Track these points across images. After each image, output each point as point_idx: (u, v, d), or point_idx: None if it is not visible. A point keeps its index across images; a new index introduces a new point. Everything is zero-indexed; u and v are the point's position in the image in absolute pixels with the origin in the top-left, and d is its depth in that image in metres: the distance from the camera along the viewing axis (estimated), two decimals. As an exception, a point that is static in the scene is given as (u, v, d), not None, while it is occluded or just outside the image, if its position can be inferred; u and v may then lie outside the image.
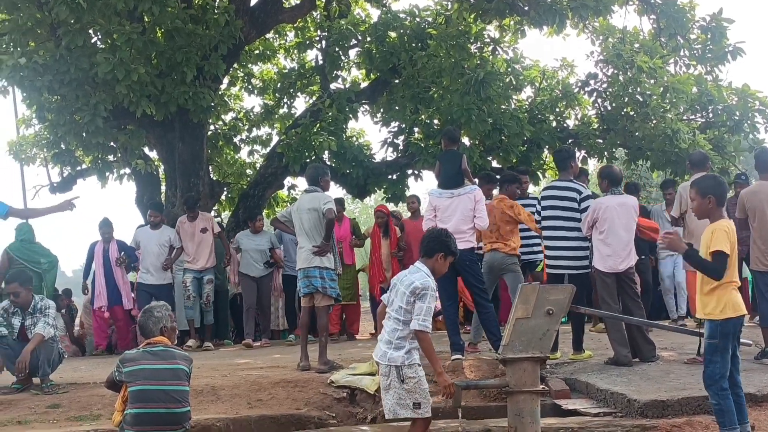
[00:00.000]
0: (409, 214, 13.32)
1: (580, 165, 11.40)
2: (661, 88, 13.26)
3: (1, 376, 7.97)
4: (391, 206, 14.84)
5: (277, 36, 18.17)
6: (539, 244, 10.07)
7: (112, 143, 14.09)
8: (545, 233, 8.86)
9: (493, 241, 9.32)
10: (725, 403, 5.41)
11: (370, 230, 12.84)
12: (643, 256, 10.28)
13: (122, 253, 11.91)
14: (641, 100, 13.42)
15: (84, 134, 12.65)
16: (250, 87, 18.73)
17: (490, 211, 9.12)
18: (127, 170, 16.43)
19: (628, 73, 13.40)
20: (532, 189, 13.83)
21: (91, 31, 12.47)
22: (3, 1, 11.94)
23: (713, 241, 5.49)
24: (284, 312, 12.85)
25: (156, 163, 16.02)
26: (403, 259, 12.28)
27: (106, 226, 12.05)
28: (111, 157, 15.59)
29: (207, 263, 12.00)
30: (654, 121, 13.45)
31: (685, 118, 14.25)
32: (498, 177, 10.83)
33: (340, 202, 12.85)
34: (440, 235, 5.93)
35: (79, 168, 16.28)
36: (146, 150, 15.97)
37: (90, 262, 12.13)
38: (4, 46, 12.48)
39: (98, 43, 12.82)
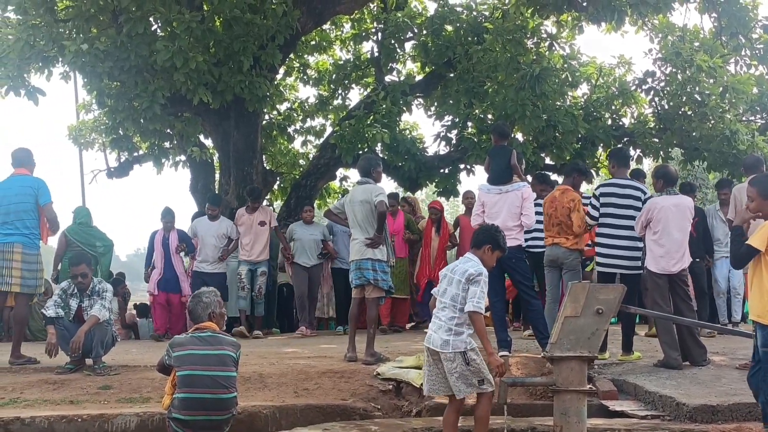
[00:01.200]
0: (464, 209, 13.24)
1: (635, 165, 11.26)
2: (721, 88, 13.02)
3: (55, 356, 8.13)
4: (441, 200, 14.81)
5: (333, 27, 18.24)
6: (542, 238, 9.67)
7: (168, 130, 14.28)
8: (599, 230, 8.72)
9: (554, 235, 9.01)
10: None
11: (424, 224, 12.85)
12: (697, 259, 10.00)
13: (181, 242, 12.11)
14: (700, 99, 13.19)
15: (142, 120, 12.85)
16: (305, 77, 18.86)
17: (551, 202, 9.00)
18: (183, 157, 16.66)
19: (687, 72, 13.16)
20: (584, 188, 13.68)
21: (151, 19, 12.64)
22: (68, -12, 12.17)
23: (754, 235, 5.46)
24: (331, 300, 12.92)
25: (211, 151, 16.22)
26: (456, 255, 12.31)
27: (168, 215, 12.24)
28: (167, 144, 15.81)
29: (261, 255, 12.17)
30: (712, 122, 13.23)
31: (744, 119, 14.01)
32: (544, 174, 10.65)
33: (394, 196, 12.87)
34: (490, 228, 6.31)
35: (136, 154, 16.54)
36: (202, 138, 16.15)
37: (152, 250, 12.33)
38: (68, 32, 12.73)
39: (158, 30, 13.00)
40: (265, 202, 15.81)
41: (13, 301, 9.38)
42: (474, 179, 15.55)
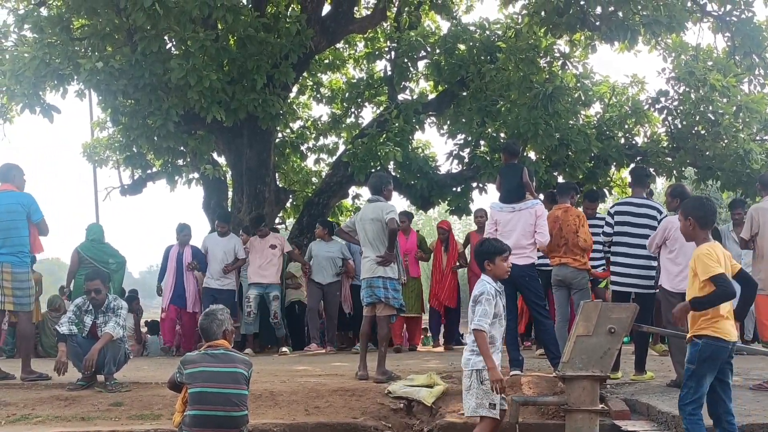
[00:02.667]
0: (476, 227, 13.24)
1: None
2: (734, 107, 13.00)
3: (67, 373, 8.14)
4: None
5: (346, 46, 18.33)
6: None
7: (182, 148, 14.34)
8: (614, 249, 8.69)
9: (561, 255, 9.04)
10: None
11: (434, 244, 12.86)
12: None
13: (194, 260, 12.14)
14: (713, 118, 13.17)
15: (155, 138, 12.92)
16: (318, 96, 18.92)
17: (554, 221, 8.99)
18: (196, 175, 16.71)
19: (701, 91, 13.15)
20: (600, 206, 13.63)
21: (166, 38, 12.75)
22: (83, 7, 12.25)
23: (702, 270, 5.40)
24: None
25: (224, 168, 16.28)
26: (468, 273, 12.35)
27: (186, 230, 12.36)
28: (180, 162, 15.87)
29: (271, 279, 12.17)
30: (726, 141, 13.19)
31: (758, 138, 13.95)
32: (554, 193, 10.65)
33: (407, 214, 12.88)
34: (479, 246, 6.38)
35: (149, 171, 16.64)
36: (215, 155, 16.23)
37: (165, 264, 12.40)
38: (83, 50, 12.85)
39: (172, 49, 13.12)
40: (277, 219, 15.87)
41: (15, 317, 9.43)
42: (487, 198, 15.54)
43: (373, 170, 13.89)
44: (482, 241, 6.41)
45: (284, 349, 12.09)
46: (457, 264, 12.63)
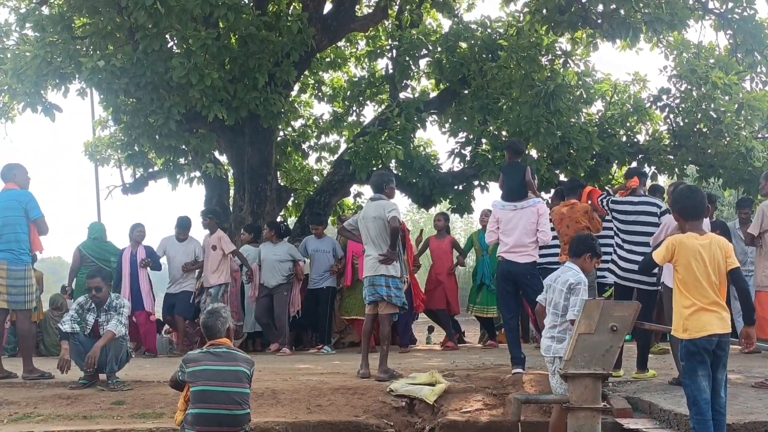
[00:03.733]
0: (435, 231, 13.13)
1: (651, 182, 11.19)
2: (736, 105, 12.99)
3: (69, 371, 8.14)
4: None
5: (348, 44, 18.31)
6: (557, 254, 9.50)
7: (183, 146, 14.32)
8: (618, 244, 8.66)
9: (566, 252, 9.06)
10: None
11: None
12: None
13: (147, 257, 11.89)
14: (715, 116, 13.16)
15: (157, 137, 12.93)
16: (320, 94, 18.90)
17: (560, 219, 8.99)
18: (197, 173, 16.70)
19: (702, 89, 13.15)
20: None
21: (167, 36, 12.76)
22: (85, 6, 12.27)
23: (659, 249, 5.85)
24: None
25: (225, 167, 16.28)
26: (429, 276, 12.58)
27: (138, 227, 12.03)
28: (182, 160, 15.87)
29: (215, 280, 11.94)
30: (727, 139, 13.19)
31: (760, 135, 13.94)
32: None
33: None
34: (588, 238, 6.97)
35: (151, 170, 16.66)
36: (216, 154, 16.22)
37: (119, 268, 11.92)
38: (85, 49, 12.86)
39: (174, 47, 13.13)
40: (279, 218, 15.85)
41: (15, 316, 9.42)
42: (488, 196, 15.49)
43: (374, 169, 13.88)
44: (593, 238, 7.01)
45: (285, 349, 12.04)
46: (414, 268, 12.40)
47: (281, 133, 17.38)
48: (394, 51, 16.62)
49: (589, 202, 8.96)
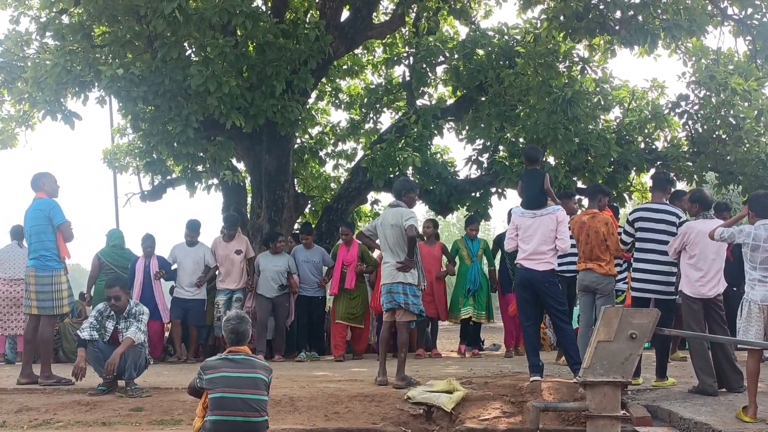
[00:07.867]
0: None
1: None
2: (756, 111, 12.93)
3: (87, 378, 8.18)
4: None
5: (365, 51, 18.36)
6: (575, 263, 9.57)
7: (201, 154, 14.39)
8: (635, 255, 8.63)
9: (586, 260, 9.04)
10: None
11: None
12: (734, 287, 9.30)
13: (161, 269, 11.92)
14: (734, 122, 13.10)
15: (175, 144, 12.97)
16: (337, 101, 18.97)
17: (580, 227, 8.96)
18: (215, 180, 16.76)
19: (722, 95, 13.08)
20: (620, 212, 13.56)
21: (185, 44, 12.84)
22: (104, 14, 12.37)
23: None
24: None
25: (243, 174, 16.33)
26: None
27: (149, 240, 12.02)
28: (200, 168, 15.93)
29: (236, 284, 12.00)
30: (747, 145, 13.12)
31: (780, 142, 13.85)
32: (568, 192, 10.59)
33: (348, 225, 12.88)
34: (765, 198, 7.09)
35: (169, 177, 16.71)
36: (234, 161, 16.27)
37: (132, 277, 11.84)
38: (104, 57, 12.96)
39: (192, 55, 13.19)
40: (296, 225, 15.88)
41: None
42: (506, 203, 15.55)
43: (391, 176, 13.91)
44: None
45: (302, 354, 12.06)
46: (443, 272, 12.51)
47: (298, 141, 17.44)
48: (411, 58, 16.64)
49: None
